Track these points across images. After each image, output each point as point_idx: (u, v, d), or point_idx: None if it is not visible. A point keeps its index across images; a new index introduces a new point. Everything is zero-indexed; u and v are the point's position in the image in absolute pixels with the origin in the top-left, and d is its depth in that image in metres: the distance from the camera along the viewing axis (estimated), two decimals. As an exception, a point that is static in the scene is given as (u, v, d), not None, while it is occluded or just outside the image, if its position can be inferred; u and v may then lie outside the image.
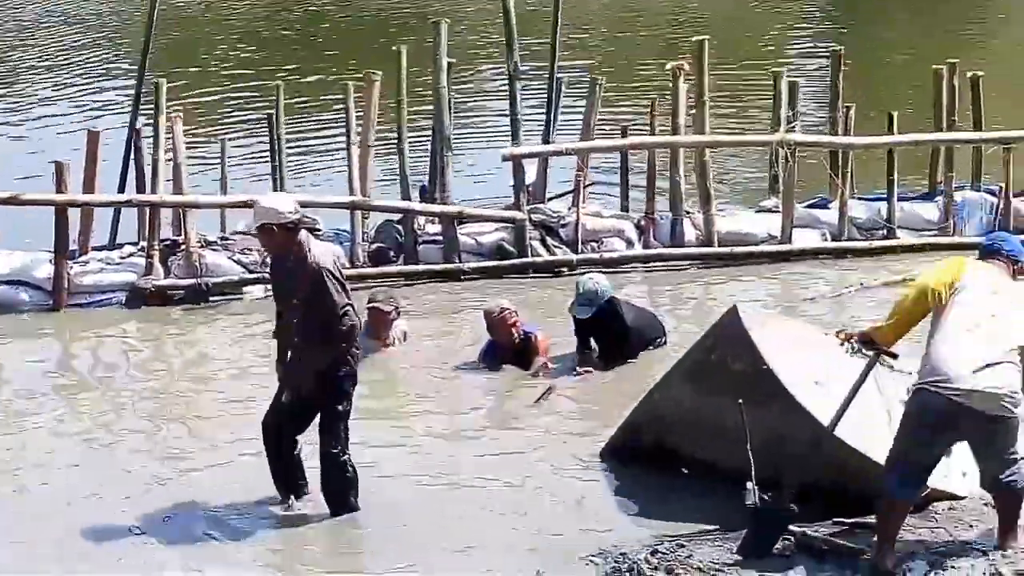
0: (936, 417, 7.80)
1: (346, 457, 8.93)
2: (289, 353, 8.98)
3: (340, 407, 8.88)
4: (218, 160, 15.01)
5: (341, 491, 9.02)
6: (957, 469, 8.60)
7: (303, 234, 8.82)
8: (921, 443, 7.93)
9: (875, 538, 8.12)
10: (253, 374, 11.33)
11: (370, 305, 11.72)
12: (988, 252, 8.36)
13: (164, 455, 10.17)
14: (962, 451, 8.26)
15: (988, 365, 7.75)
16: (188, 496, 9.39)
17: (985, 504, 8.53)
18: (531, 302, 12.86)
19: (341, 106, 14.90)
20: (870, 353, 8.26)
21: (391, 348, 11.97)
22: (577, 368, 11.57)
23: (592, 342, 11.73)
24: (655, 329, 11.97)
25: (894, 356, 8.31)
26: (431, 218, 14.38)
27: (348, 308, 8.75)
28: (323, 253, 8.83)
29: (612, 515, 9.16)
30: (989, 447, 7.94)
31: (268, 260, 10.09)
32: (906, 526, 8.21)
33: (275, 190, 14.05)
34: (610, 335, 11.70)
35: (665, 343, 11.76)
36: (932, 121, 15.34)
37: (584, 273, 12.50)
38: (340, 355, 8.82)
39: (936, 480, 8.26)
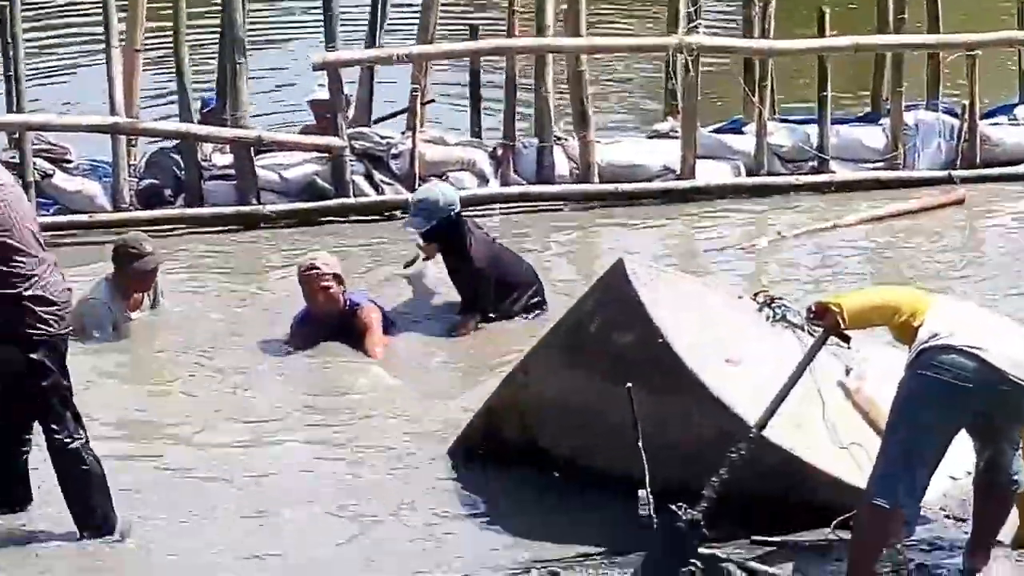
0: (964, 388, 7.91)
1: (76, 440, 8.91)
2: None
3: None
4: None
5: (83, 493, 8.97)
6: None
7: None
8: (933, 427, 8.04)
9: (851, 560, 8.18)
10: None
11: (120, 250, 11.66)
12: None
13: None
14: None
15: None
16: None
17: (948, 517, 8.76)
18: (353, 256, 12.90)
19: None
20: (817, 329, 8.31)
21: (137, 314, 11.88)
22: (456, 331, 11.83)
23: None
24: (525, 276, 12.06)
25: (847, 340, 8.40)
26: (220, 145, 14.35)
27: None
28: None
29: (464, 533, 9.17)
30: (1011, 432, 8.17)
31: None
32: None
33: (9, 109, 13.90)
34: (456, 268, 11.88)
35: (543, 305, 11.81)
36: (875, 20, 15.55)
37: None
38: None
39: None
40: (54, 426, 8.84)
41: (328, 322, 11.70)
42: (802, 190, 14.63)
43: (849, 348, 8.48)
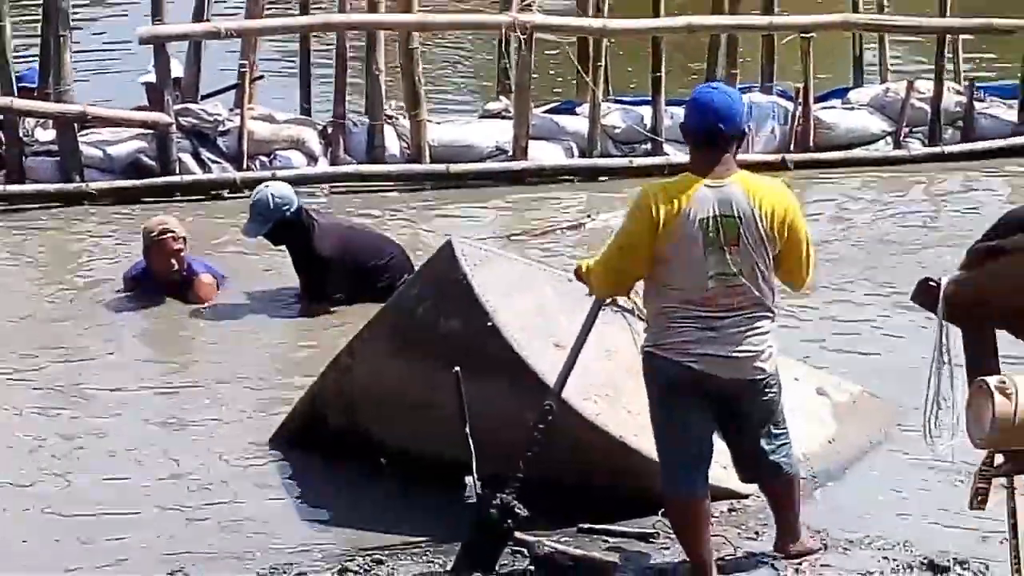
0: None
1: None
2: None
3: None
4: None
5: None
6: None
7: None
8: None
9: (686, 551, 8.28)
10: None
11: None
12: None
13: None
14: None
15: None
16: None
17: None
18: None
19: None
20: (629, 307, 8.41)
21: None
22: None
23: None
24: (377, 254, 12.08)
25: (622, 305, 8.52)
26: (41, 120, 14.18)
27: None
28: None
29: (287, 522, 9.14)
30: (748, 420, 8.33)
31: None
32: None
33: None
34: (301, 261, 11.93)
35: (404, 275, 11.61)
36: (711, 1, 15.65)
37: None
38: None
39: (715, 474, 8.47)
40: None
41: (164, 283, 11.80)
42: (637, 173, 14.69)
43: (618, 310, 8.53)
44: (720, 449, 8.25)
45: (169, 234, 11.69)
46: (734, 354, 7.92)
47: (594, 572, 8.26)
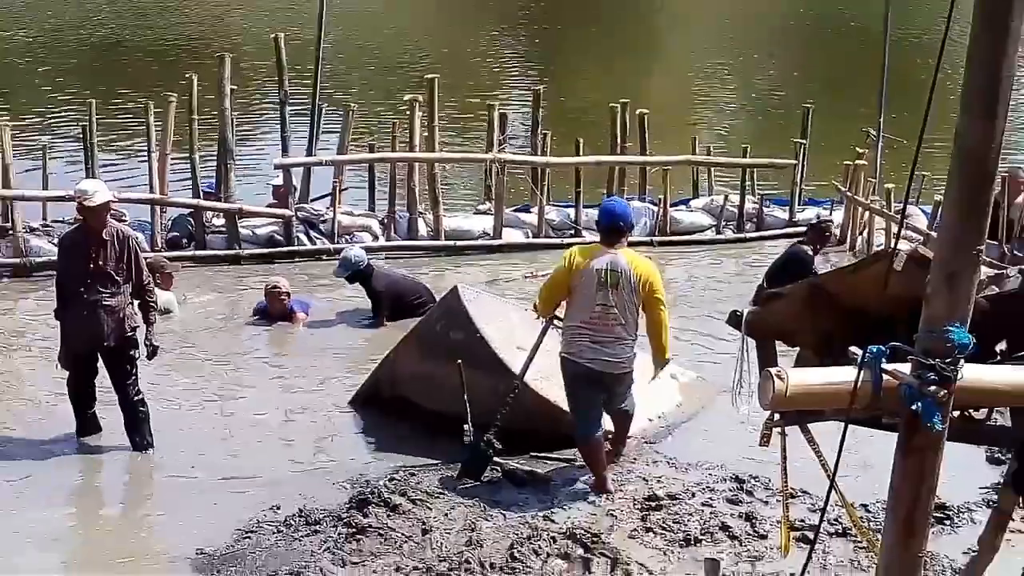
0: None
1: (142, 395, 8.91)
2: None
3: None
4: (41, 162, 14.56)
5: (142, 425, 8.89)
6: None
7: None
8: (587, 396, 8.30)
9: (593, 471, 8.38)
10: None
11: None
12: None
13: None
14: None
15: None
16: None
17: (646, 442, 9.04)
18: (296, 281, 12.73)
19: (143, 121, 14.40)
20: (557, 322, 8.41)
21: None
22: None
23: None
24: (415, 292, 11.96)
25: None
26: (216, 213, 14.12)
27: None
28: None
29: (359, 450, 9.21)
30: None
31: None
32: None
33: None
34: (369, 295, 11.87)
35: (430, 304, 11.42)
36: (608, 146, 15.73)
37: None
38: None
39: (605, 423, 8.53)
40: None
41: (275, 315, 11.78)
42: (567, 247, 14.44)
43: (557, 327, 8.41)
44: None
45: (277, 289, 11.74)
46: (610, 359, 8.04)
47: (538, 481, 8.38)
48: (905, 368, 3.86)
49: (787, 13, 33.93)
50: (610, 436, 8.60)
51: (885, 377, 3.88)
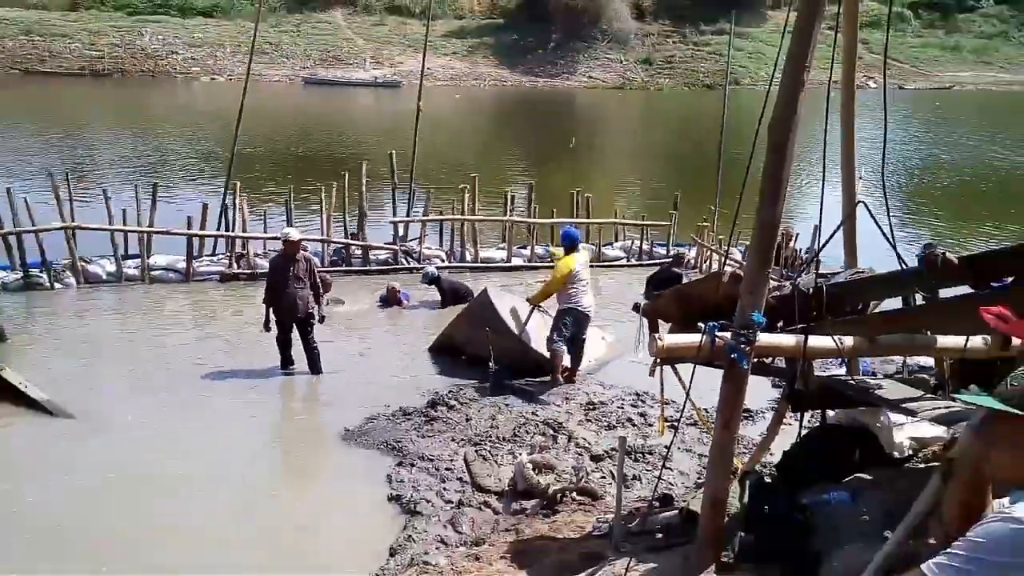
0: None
1: (316, 345, 8.71)
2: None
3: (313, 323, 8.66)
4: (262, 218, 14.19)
5: (317, 362, 8.74)
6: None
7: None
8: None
9: (553, 369, 8.13)
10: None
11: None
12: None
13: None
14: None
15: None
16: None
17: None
18: (401, 284, 12.10)
19: (319, 197, 14.04)
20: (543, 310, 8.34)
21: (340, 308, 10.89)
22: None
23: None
24: (463, 292, 11.46)
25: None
26: (357, 247, 13.54)
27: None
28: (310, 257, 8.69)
29: (430, 376, 8.74)
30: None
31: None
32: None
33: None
34: (439, 292, 11.52)
35: (471, 298, 10.58)
36: (571, 213, 14.77)
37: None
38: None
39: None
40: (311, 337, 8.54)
41: (391, 302, 11.35)
42: (547, 267, 13.82)
43: (542, 311, 8.30)
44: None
45: (392, 287, 11.33)
46: (589, 308, 7.99)
47: (525, 396, 8.09)
48: (727, 335, 3.87)
49: (670, 142, 33.28)
50: (569, 368, 8.42)
51: (717, 340, 3.81)
